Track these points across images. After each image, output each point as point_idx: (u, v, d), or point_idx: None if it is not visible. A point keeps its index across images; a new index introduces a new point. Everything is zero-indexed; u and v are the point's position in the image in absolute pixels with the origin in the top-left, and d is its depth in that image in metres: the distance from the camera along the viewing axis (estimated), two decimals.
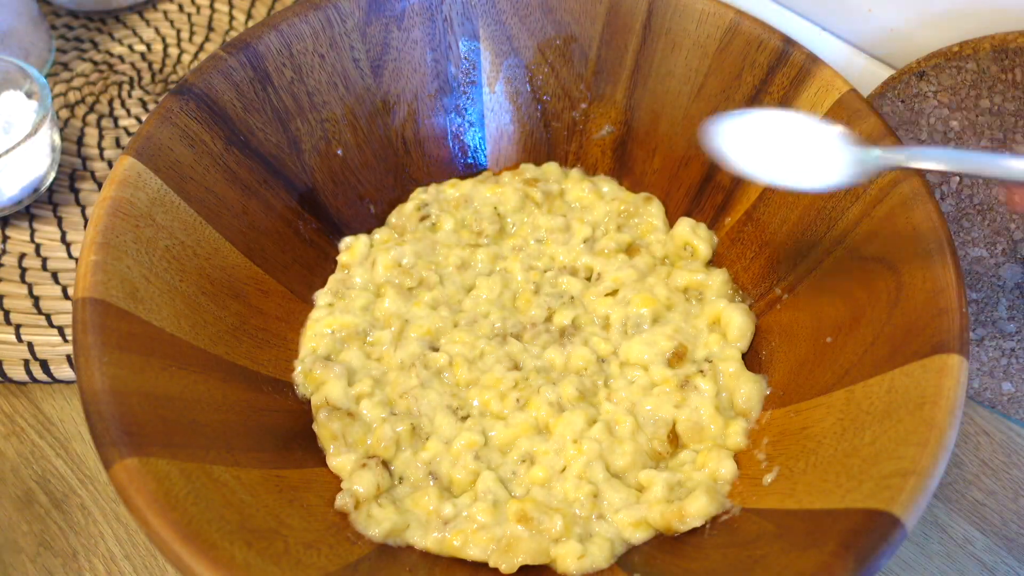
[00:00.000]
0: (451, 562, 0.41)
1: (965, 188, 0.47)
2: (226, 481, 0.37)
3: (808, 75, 0.47)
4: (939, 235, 0.39)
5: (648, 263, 0.52)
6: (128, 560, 0.47)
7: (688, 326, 0.49)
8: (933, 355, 0.36)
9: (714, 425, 0.45)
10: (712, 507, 0.41)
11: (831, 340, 0.43)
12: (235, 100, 0.47)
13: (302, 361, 0.48)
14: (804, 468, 0.39)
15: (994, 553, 0.49)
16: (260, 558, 0.34)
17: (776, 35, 0.48)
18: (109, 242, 0.39)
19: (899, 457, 0.34)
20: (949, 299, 0.37)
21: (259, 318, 0.47)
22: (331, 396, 0.45)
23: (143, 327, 0.39)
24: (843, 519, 0.34)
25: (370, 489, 0.42)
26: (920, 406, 0.35)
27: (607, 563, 0.40)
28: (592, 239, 0.53)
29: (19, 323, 0.55)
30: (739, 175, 0.40)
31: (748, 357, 0.48)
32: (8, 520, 0.48)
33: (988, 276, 0.49)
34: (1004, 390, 0.53)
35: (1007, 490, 0.51)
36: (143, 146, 0.43)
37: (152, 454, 0.34)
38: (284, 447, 0.43)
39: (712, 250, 0.53)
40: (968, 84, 0.43)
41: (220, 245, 0.46)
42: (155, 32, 0.74)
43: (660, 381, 0.46)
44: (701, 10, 0.50)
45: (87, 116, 0.67)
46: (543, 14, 0.54)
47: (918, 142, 0.47)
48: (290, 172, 0.51)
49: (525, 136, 0.58)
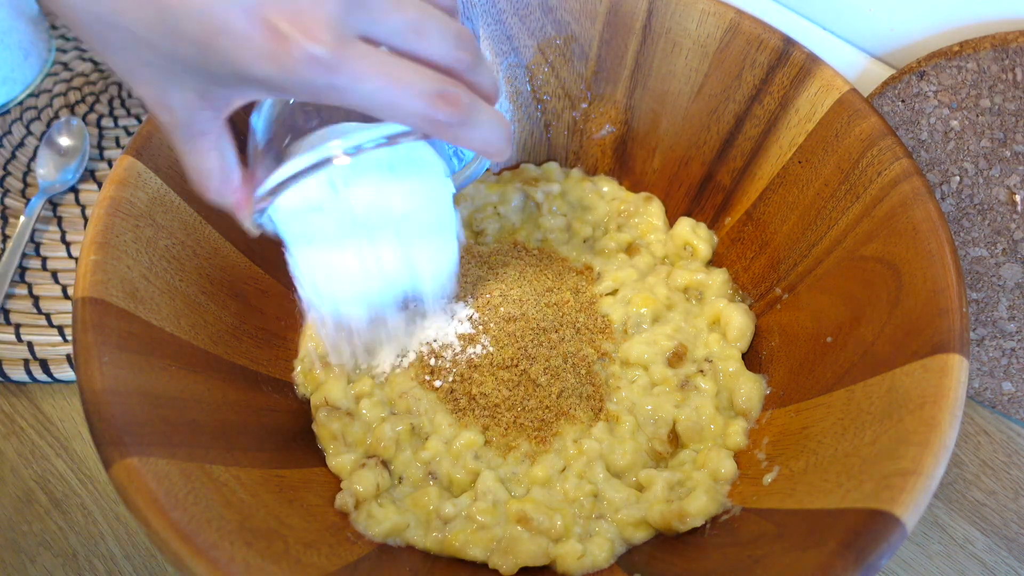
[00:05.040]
0: (451, 562, 0.41)
1: (965, 188, 0.47)
2: (226, 481, 0.37)
3: (808, 75, 0.47)
4: (939, 235, 0.39)
5: (648, 263, 0.52)
6: (128, 560, 0.47)
7: (688, 326, 0.49)
8: (933, 355, 0.36)
9: (714, 425, 0.45)
10: (712, 507, 0.40)
11: (831, 340, 0.43)
12: None
13: (302, 361, 0.48)
14: (804, 468, 0.39)
15: (994, 553, 0.49)
16: (260, 558, 0.34)
17: (776, 35, 0.48)
18: (109, 242, 0.39)
19: (899, 457, 0.34)
20: (949, 299, 0.37)
21: (259, 318, 0.47)
22: (331, 396, 0.45)
23: (143, 327, 0.39)
24: (843, 519, 0.34)
25: (370, 489, 0.42)
26: (920, 406, 0.35)
27: (607, 563, 0.40)
28: (592, 239, 0.53)
29: (19, 323, 0.55)
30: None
31: (748, 357, 0.48)
32: (8, 520, 0.48)
33: (988, 276, 0.49)
34: (1004, 390, 0.52)
35: (1007, 490, 0.51)
36: (143, 146, 0.43)
37: (152, 454, 0.34)
38: (284, 447, 0.43)
39: (712, 250, 0.53)
40: (968, 84, 0.43)
41: (220, 245, 0.46)
42: None
43: (660, 381, 0.46)
44: (701, 10, 0.50)
45: (87, 116, 0.67)
46: (543, 13, 0.54)
47: (918, 142, 0.47)
48: None
49: (525, 136, 0.58)
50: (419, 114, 0.30)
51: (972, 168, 0.46)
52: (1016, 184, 0.45)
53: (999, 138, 0.44)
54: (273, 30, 0.28)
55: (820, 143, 0.46)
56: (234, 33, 0.28)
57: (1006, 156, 0.44)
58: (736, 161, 0.51)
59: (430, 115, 0.30)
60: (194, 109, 0.32)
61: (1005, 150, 0.44)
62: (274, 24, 0.28)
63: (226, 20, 0.28)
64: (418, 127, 0.31)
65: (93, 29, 0.30)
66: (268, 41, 0.28)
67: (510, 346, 0.46)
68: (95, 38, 0.30)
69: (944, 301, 0.37)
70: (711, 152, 0.52)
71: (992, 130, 0.44)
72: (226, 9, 0.28)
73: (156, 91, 0.32)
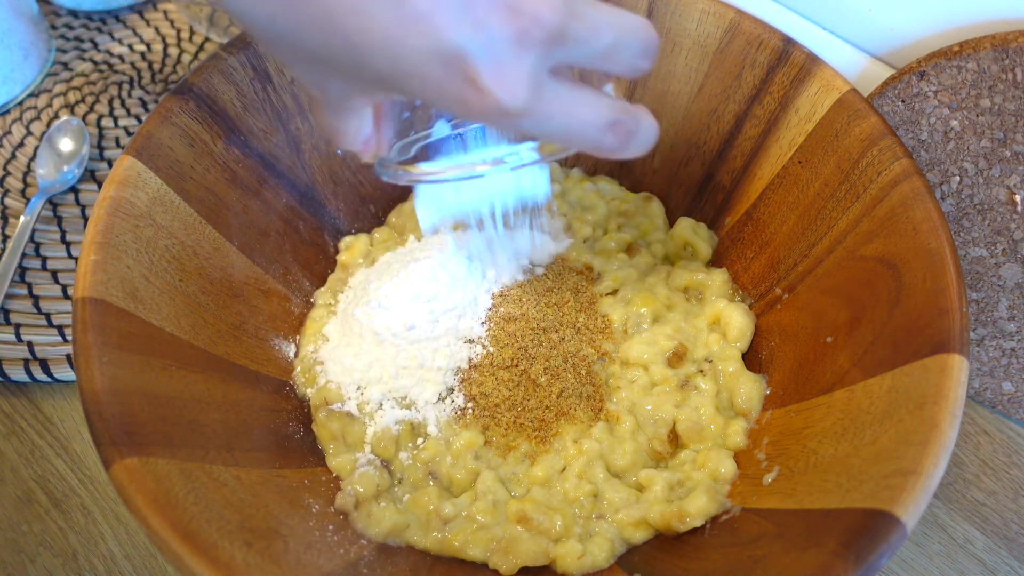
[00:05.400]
0: (451, 562, 0.41)
1: (965, 188, 0.47)
2: (226, 481, 0.37)
3: (808, 75, 0.47)
4: (939, 235, 0.39)
5: (648, 263, 0.52)
6: (128, 560, 0.47)
7: (688, 326, 0.49)
8: (933, 355, 0.36)
9: (714, 425, 0.45)
10: (712, 507, 0.40)
11: (831, 340, 0.43)
12: (235, 100, 0.47)
13: (302, 361, 0.48)
14: (804, 468, 0.39)
15: (994, 553, 0.49)
16: (260, 558, 0.34)
17: (776, 35, 0.48)
18: (109, 242, 0.39)
19: (899, 457, 0.34)
20: (949, 299, 0.37)
21: (259, 318, 0.47)
22: (330, 396, 0.45)
23: (143, 327, 0.39)
24: (843, 519, 0.34)
25: (370, 489, 0.42)
26: (920, 406, 0.35)
27: (607, 563, 0.40)
28: (592, 239, 0.53)
29: (19, 323, 0.55)
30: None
31: (748, 357, 0.48)
32: (8, 520, 0.48)
33: (988, 276, 0.49)
34: (1004, 390, 0.52)
35: (1007, 490, 0.51)
36: (143, 146, 0.43)
37: (152, 454, 0.34)
38: (284, 447, 0.43)
39: (712, 250, 0.53)
40: (968, 84, 0.43)
41: (220, 245, 0.46)
42: (155, 32, 0.74)
43: (660, 381, 0.46)
44: (701, 9, 0.50)
45: (87, 116, 0.67)
46: None
47: (918, 142, 0.47)
48: (290, 172, 0.51)
49: None
50: (590, 143, 0.32)
51: (972, 168, 0.46)
52: (1016, 184, 0.45)
53: (999, 138, 0.44)
54: (472, 83, 0.27)
55: (820, 143, 0.46)
56: (427, 78, 0.28)
57: (1006, 156, 0.44)
58: (736, 161, 0.51)
59: (599, 143, 0.32)
60: (351, 97, 0.33)
61: (1005, 150, 0.44)
62: (474, 77, 0.27)
63: (420, 65, 0.27)
64: (584, 150, 0.33)
65: (273, 40, 0.30)
66: (464, 91, 0.28)
67: (510, 346, 0.46)
68: (269, 43, 0.30)
69: (944, 301, 0.37)
70: (711, 152, 0.52)
71: (992, 130, 0.44)
72: (421, 56, 0.27)
73: (317, 80, 0.32)
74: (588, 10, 0.29)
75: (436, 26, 0.27)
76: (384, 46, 0.27)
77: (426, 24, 0.27)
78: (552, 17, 0.27)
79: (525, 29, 0.27)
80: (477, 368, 0.46)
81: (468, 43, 0.27)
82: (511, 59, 0.27)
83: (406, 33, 0.27)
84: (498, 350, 0.46)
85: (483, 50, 0.27)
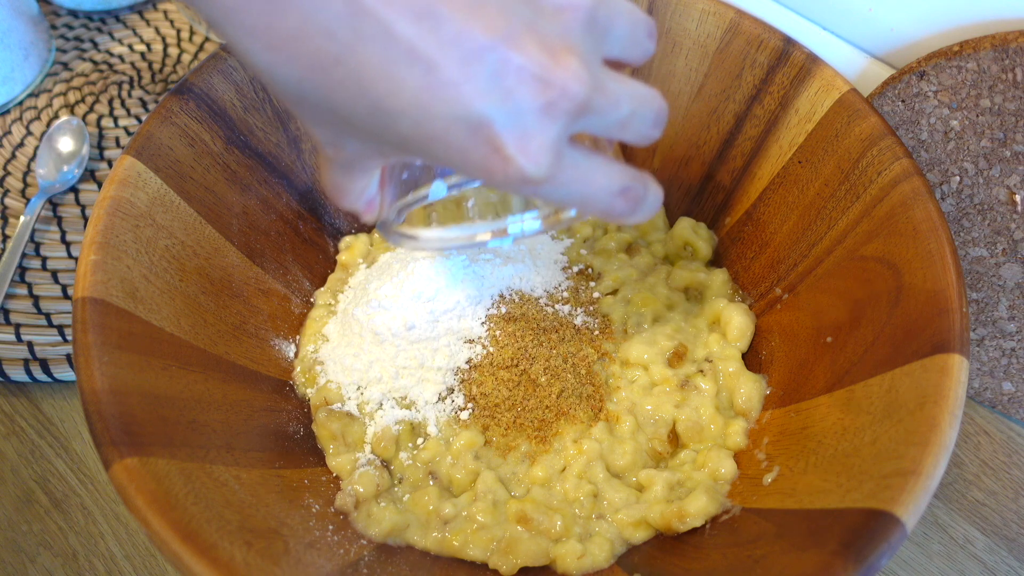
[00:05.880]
0: (451, 562, 0.41)
1: (965, 188, 0.47)
2: (226, 481, 0.37)
3: (808, 74, 0.47)
4: (939, 235, 0.39)
5: (648, 262, 0.52)
6: (128, 560, 0.47)
7: (688, 326, 0.49)
8: (933, 355, 0.36)
9: (714, 425, 0.45)
10: (712, 507, 0.40)
11: (831, 340, 0.43)
12: (235, 100, 0.47)
13: (302, 361, 0.48)
14: (804, 468, 0.39)
15: (994, 553, 0.49)
16: (260, 558, 0.34)
17: (776, 35, 0.48)
18: (109, 242, 0.39)
19: (899, 457, 0.34)
20: (949, 299, 0.37)
21: (259, 318, 0.47)
22: (330, 396, 0.45)
23: (143, 327, 0.39)
24: (843, 519, 0.34)
25: (370, 489, 0.42)
26: (920, 406, 0.35)
27: (607, 563, 0.40)
28: (592, 239, 0.53)
29: (19, 323, 0.55)
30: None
31: (748, 357, 0.48)
32: (8, 520, 0.48)
33: (988, 276, 0.49)
34: (1004, 390, 0.52)
35: (1007, 490, 0.51)
36: (143, 146, 0.43)
37: (152, 454, 0.34)
38: (284, 447, 0.43)
39: (712, 250, 0.53)
40: (968, 84, 0.43)
41: (220, 245, 0.46)
42: (155, 32, 0.74)
43: (660, 381, 0.46)
44: (701, 9, 0.50)
45: (87, 116, 0.67)
46: None
47: (918, 142, 0.47)
48: (290, 172, 0.51)
49: None
50: (602, 208, 0.32)
51: (972, 168, 0.46)
52: (1016, 184, 0.45)
53: (999, 138, 0.44)
54: (497, 150, 0.27)
55: (820, 143, 0.46)
56: (451, 144, 0.28)
57: (1006, 156, 0.44)
58: (736, 161, 0.51)
59: (611, 208, 0.32)
60: (367, 158, 0.33)
61: (1005, 150, 0.44)
62: (498, 145, 0.27)
63: (445, 131, 0.27)
64: (595, 215, 0.33)
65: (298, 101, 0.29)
66: (487, 158, 0.28)
67: (510, 346, 0.46)
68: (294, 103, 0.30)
69: (944, 301, 0.37)
70: (711, 152, 0.52)
71: (992, 130, 0.44)
72: (447, 122, 0.27)
73: (334, 139, 0.31)
74: (610, 83, 0.29)
75: (465, 94, 0.27)
76: (411, 110, 0.27)
77: (455, 91, 0.27)
78: (580, 90, 0.28)
79: (553, 101, 0.27)
80: (477, 368, 0.46)
81: (495, 112, 0.27)
82: (537, 129, 0.28)
83: (434, 99, 0.27)
84: (498, 350, 0.46)
85: (510, 119, 0.27)
